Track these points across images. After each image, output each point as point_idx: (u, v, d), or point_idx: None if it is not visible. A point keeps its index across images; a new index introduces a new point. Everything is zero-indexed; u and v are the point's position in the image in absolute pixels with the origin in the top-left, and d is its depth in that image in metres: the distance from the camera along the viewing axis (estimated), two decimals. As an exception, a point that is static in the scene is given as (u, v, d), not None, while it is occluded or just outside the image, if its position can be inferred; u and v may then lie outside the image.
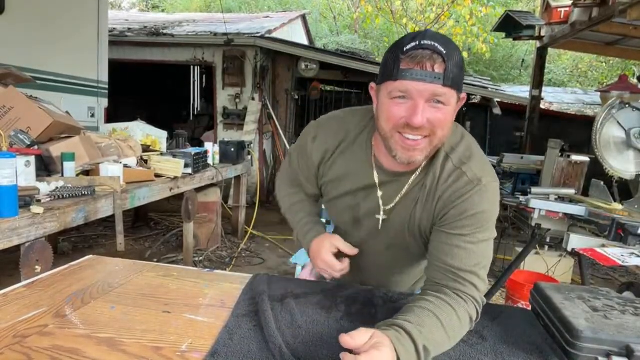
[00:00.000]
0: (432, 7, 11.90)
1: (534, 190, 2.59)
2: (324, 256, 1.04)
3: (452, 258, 0.90)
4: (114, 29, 6.49)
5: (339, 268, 1.04)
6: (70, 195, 1.97)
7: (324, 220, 1.33)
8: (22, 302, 0.90)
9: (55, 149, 2.23)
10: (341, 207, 1.09)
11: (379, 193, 1.00)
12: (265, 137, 6.35)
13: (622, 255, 1.87)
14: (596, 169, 3.09)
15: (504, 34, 5.65)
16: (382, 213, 1.02)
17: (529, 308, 1.02)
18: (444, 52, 0.81)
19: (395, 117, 0.86)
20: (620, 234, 2.05)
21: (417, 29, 12.38)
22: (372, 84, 0.95)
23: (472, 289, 0.88)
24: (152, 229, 4.73)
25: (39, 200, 1.82)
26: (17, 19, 3.62)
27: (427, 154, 0.90)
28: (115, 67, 5.34)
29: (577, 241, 2.17)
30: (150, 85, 8.77)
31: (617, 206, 2.33)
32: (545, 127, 6.51)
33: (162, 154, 3.17)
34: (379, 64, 6.75)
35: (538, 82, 5.76)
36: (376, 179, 1.00)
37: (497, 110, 6.27)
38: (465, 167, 0.93)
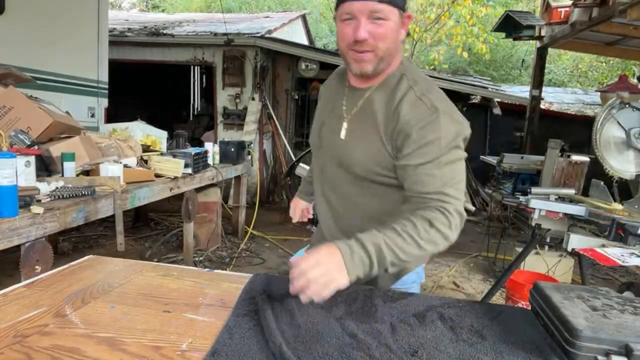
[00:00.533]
0: (432, 7, 11.89)
1: (534, 190, 2.59)
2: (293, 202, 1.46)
3: (419, 185, 0.98)
4: (114, 29, 6.49)
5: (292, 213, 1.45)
6: (70, 195, 1.97)
7: None
8: (22, 302, 0.90)
9: (55, 149, 2.23)
10: (315, 129, 1.24)
11: (343, 101, 1.14)
12: (265, 137, 6.35)
13: (622, 255, 1.87)
14: (596, 169, 3.09)
15: (504, 34, 5.66)
16: (345, 124, 1.12)
17: (529, 308, 1.02)
18: None
19: (345, 35, 1.01)
20: (620, 234, 2.06)
21: (417, 29, 12.41)
22: (334, 13, 1.09)
23: (438, 202, 0.96)
24: (152, 229, 4.73)
25: (39, 200, 1.82)
26: (17, 19, 3.63)
27: (375, 65, 1.03)
28: (115, 67, 5.34)
29: (577, 241, 2.17)
30: (150, 85, 8.77)
31: (617, 206, 2.34)
32: (545, 127, 6.51)
33: (162, 154, 3.17)
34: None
35: (538, 82, 5.76)
36: (344, 96, 1.15)
37: (497, 110, 6.28)
38: (425, 97, 1.02)
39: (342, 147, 1.11)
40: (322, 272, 0.85)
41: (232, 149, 4.12)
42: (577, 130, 6.61)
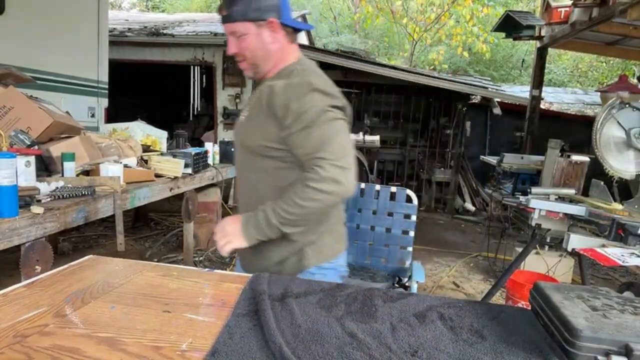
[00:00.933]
0: (432, 7, 11.89)
1: (534, 190, 2.59)
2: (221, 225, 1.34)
3: (301, 148, 1.16)
4: (114, 29, 6.49)
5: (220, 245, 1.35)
6: (70, 195, 1.97)
7: None
8: (22, 302, 0.90)
9: (55, 149, 2.23)
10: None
11: (251, 94, 1.32)
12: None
13: (622, 255, 1.87)
14: (596, 169, 3.09)
15: (504, 34, 5.66)
16: (246, 111, 1.33)
17: (529, 308, 1.02)
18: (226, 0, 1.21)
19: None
20: (620, 234, 2.06)
21: (417, 29, 12.40)
22: None
23: (315, 161, 1.12)
24: (152, 229, 4.73)
25: (39, 200, 1.82)
26: (17, 19, 3.62)
27: (253, 69, 1.28)
28: (115, 67, 5.34)
29: (577, 241, 2.17)
30: (150, 85, 8.76)
31: (617, 206, 2.34)
32: (545, 127, 6.51)
33: (162, 154, 3.17)
34: (379, 64, 6.72)
35: (538, 82, 5.76)
36: (253, 91, 1.39)
37: (497, 110, 6.28)
38: (306, 78, 1.20)
39: (242, 130, 1.31)
40: (223, 234, 1.21)
41: (232, 149, 4.12)
42: (577, 130, 6.61)
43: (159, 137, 3.48)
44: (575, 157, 3.60)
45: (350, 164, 1.15)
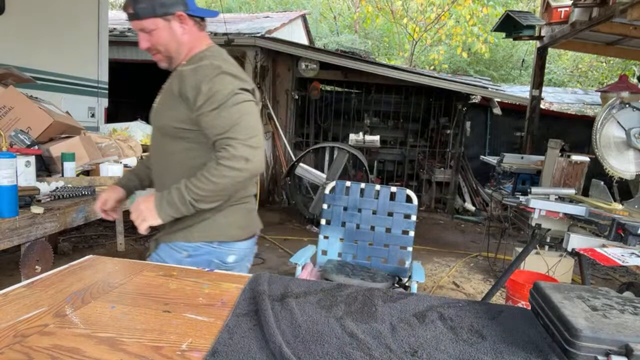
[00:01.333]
0: (432, 7, 11.90)
1: (534, 190, 2.59)
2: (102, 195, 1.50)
3: (213, 128, 1.20)
4: (114, 29, 6.49)
5: (98, 207, 1.49)
6: (70, 195, 1.97)
7: None
8: (23, 302, 0.90)
9: (55, 149, 2.23)
10: None
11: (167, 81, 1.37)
12: (265, 137, 6.35)
13: (622, 255, 1.87)
14: (596, 169, 3.09)
15: (504, 34, 5.65)
16: (160, 95, 1.36)
17: (529, 308, 1.02)
18: None
19: None
20: (620, 234, 2.05)
21: (417, 29, 12.41)
22: None
23: (225, 141, 1.17)
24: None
25: (39, 200, 1.82)
26: (17, 19, 3.63)
27: (167, 60, 1.35)
28: (115, 67, 5.33)
29: (577, 241, 2.17)
30: (151, 86, 8.75)
31: (617, 206, 2.34)
32: (545, 127, 6.51)
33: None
34: (379, 64, 6.71)
35: (538, 82, 5.76)
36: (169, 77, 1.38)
37: (497, 110, 6.27)
38: (215, 63, 1.24)
39: (155, 113, 1.35)
40: (138, 213, 1.23)
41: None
42: (577, 130, 6.62)
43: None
44: (575, 157, 3.60)
45: (259, 144, 1.21)
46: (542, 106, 6.57)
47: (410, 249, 2.38)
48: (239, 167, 1.17)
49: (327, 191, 2.48)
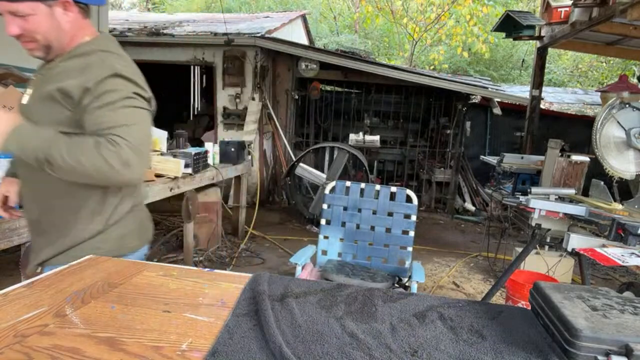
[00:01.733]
0: (432, 7, 11.90)
1: (534, 190, 2.59)
2: None
3: (94, 125, 1.09)
4: (114, 29, 6.49)
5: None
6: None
7: None
8: (23, 302, 0.90)
9: (56, 149, 2.23)
10: None
11: (36, 74, 1.25)
12: (265, 137, 6.35)
13: (622, 255, 1.87)
14: (596, 169, 3.09)
15: (504, 34, 5.65)
16: (29, 90, 1.23)
17: (529, 308, 1.02)
18: None
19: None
20: (621, 234, 2.06)
21: (417, 29, 12.41)
22: None
23: (109, 135, 1.06)
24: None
25: (39, 200, 1.82)
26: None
27: (43, 50, 1.18)
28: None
29: (577, 241, 2.18)
30: (150, 85, 8.70)
31: (617, 206, 2.34)
32: (545, 127, 6.51)
33: (162, 154, 3.17)
34: (379, 64, 6.71)
35: (538, 82, 5.76)
36: (39, 70, 1.26)
37: (497, 110, 6.27)
38: (107, 61, 1.14)
39: (27, 113, 1.19)
40: None
41: (232, 149, 4.12)
42: (577, 130, 6.62)
43: (159, 137, 3.48)
44: (575, 157, 3.60)
45: (146, 154, 1.12)
46: (542, 106, 6.57)
47: (410, 249, 2.39)
48: (117, 169, 1.06)
49: (327, 191, 2.48)
